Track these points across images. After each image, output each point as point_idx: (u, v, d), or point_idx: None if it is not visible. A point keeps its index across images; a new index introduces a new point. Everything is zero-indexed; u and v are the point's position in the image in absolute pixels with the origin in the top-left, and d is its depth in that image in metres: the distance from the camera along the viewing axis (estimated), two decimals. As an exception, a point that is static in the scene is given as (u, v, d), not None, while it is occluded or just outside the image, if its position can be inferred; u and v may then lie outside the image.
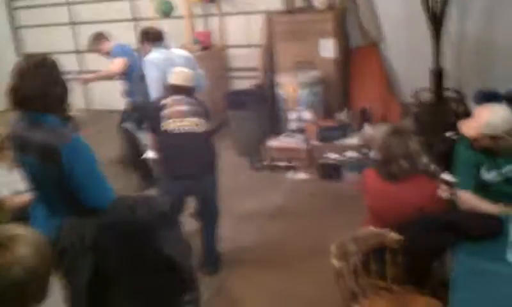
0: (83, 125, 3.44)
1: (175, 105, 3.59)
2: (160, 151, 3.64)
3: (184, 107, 3.59)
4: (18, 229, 1.43)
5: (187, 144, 3.52)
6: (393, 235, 2.47)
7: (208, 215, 3.71)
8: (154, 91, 4.29)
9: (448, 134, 4.23)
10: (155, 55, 4.44)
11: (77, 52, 7.92)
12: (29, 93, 2.17)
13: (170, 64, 4.18)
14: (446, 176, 3.00)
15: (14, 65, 2.24)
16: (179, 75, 3.80)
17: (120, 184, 4.36)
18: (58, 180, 2.18)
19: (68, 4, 7.81)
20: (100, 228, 2.09)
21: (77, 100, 3.13)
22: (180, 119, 3.54)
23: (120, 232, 2.12)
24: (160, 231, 2.21)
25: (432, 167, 3.45)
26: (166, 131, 3.54)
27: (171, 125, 3.53)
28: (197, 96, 3.83)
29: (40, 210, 2.36)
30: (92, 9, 7.62)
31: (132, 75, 4.97)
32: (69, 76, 2.54)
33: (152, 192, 4.36)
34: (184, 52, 4.70)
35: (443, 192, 2.75)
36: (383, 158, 2.71)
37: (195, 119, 3.57)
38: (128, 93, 5.09)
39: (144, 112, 4.22)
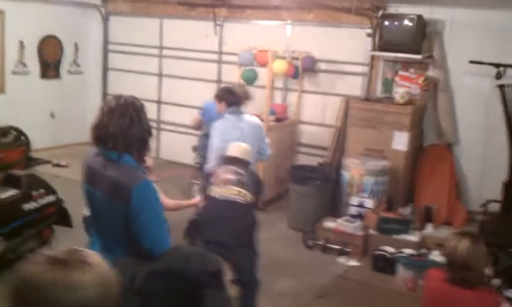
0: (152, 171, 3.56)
1: (223, 173, 3.65)
2: (201, 215, 3.69)
3: (230, 176, 3.63)
4: (94, 258, 1.41)
5: (225, 212, 3.53)
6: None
7: (244, 285, 3.58)
8: (213, 159, 4.24)
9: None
10: (223, 124, 4.38)
11: (159, 102, 8.34)
12: (112, 130, 2.25)
13: (235, 133, 4.21)
14: (510, 293, 2.86)
15: (103, 102, 2.37)
16: (236, 148, 3.87)
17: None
18: (122, 218, 2.23)
19: (160, 57, 8.31)
20: (152, 274, 2.13)
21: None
22: (224, 187, 3.59)
23: (170, 281, 2.15)
24: (209, 289, 2.22)
25: (497, 281, 3.30)
26: (209, 196, 3.61)
27: (215, 190, 3.59)
28: (252, 168, 3.88)
29: (94, 247, 2.41)
30: (181, 65, 8.04)
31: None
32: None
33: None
34: (254, 119, 4.66)
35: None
36: (458, 262, 2.62)
37: (238, 189, 3.59)
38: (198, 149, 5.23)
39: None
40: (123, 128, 2.25)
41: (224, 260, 3.48)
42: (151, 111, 8.24)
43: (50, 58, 8.14)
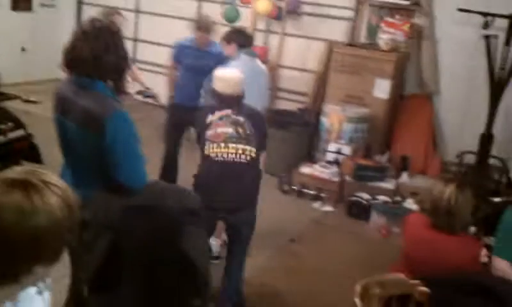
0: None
1: (220, 127, 3.12)
2: (198, 177, 3.21)
3: (230, 129, 3.11)
4: (54, 178, 1.33)
5: (227, 176, 3.08)
6: (423, 288, 2.37)
7: (238, 251, 3.34)
8: None
9: (496, 199, 4.11)
10: (240, 65, 3.76)
11: (134, 40, 8.05)
12: (83, 55, 2.12)
13: (252, 78, 3.64)
14: (488, 241, 2.88)
15: (78, 26, 2.23)
16: (228, 83, 3.24)
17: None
18: (95, 150, 2.13)
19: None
20: (126, 209, 2.04)
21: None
22: (225, 145, 3.09)
23: (146, 217, 2.07)
24: (186, 227, 2.15)
25: (473, 229, 3.33)
26: (208, 156, 3.11)
27: (214, 150, 3.10)
28: (248, 105, 3.29)
29: (66, 178, 2.30)
30: (159, 1, 7.73)
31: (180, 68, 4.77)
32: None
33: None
34: (264, 68, 4.32)
35: (483, 257, 2.64)
36: (443, 208, 2.60)
37: (242, 146, 3.10)
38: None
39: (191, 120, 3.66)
40: (97, 54, 2.11)
41: (226, 226, 3.34)
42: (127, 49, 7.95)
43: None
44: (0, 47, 7.34)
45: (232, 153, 3.08)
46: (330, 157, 5.58)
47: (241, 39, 4.19)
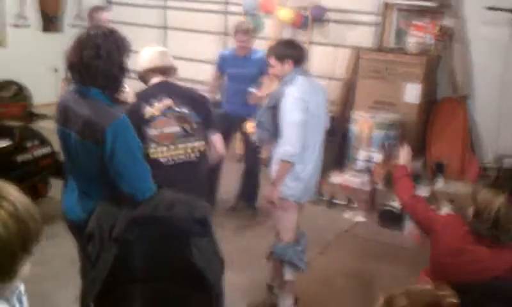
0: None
1: (166, 126, 2.81)
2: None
3: (176, 128, 2.82)
4: (10, 192, 1.26)
5: (179, 178, 2.74)
6: (453, 299, 2.19)
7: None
8: (294, 139, 3.04)
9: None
10: (300, 89, 3.13)
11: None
12: (73, 62, 2.11)
13: (315, 101, 3.19)
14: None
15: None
16: (152, 53, 2.91)
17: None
18: (98, 160, 2.07)
19: (164, 8, 8.02)
20: (132, 221, 1.96)
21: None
22: (173, 147, 2.83)
23: (152, 228, 1.98)
24: (195, 238, 2.06)
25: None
26: (156, 160, 2.77)
27: (164, 154, 2.82)
28: (187, 88, 3.00)
29: (71, 190, 2.26)
30: (183, 16, 7.76)
31: None
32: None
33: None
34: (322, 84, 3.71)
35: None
36: (489, 219, 2.43)
37: (190, 145, 2.86)
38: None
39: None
40: (86, 60, 2.07)
41: None
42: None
43: (51, 11, 7.90)
44: (33, 68, 7.51)
45: (181, 154, 2.86)
46: (360, 165, 5.41)
47: (297, 54, 3.26)
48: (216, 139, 3.08)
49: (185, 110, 2.85)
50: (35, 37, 7.73)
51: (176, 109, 2.83)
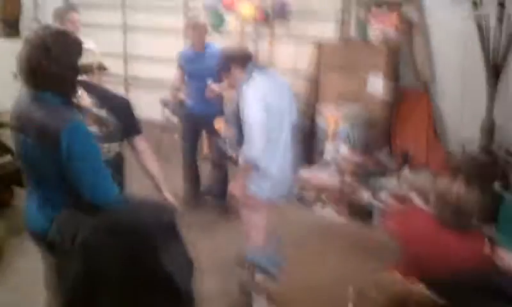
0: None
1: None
2: None
3: (93, 129, 2.56)
4: None
5: None
6: (423, 289, 2.20)
7: None
8: (258, 141, 3.06)
9: (497, 189, 3.92)
10: (259, 87, 3.14)
11: (124, 57, 7.96)
12: (21, 65, 2.03)
13: (278, 97, 3.21)
14: (488, 232, 2.72)
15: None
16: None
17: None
18: (55, 166, 1.99)
19: (124, 7, 7.88)
20: (96, 228, 1.89)
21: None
22: None
23: (118, 236, 1.91)
24: (164, 243, 2.00)
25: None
26: None
27: None
28: (107, 90, 2.85)
29: (32, 199, 2.17)
30: (143, 15, 7.65)
31: None
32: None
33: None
34: (282, 78, 3.65)
35: (486, 249, 2.49)
36: (450, 205, 2.44)
37: (106, 145, 2.63)
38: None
39: None
40: (33, 63, 1.99)
41: None
42: (117, 67, 7.89)
43: (9, 16, 7.64)
44: (-8, 75, 7.26)
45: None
46: (328, 157, 5.43)
47: (238, 57, 3.34)
48: (139, 141, 2.94)
49: (103, 113, 2.71)
50: (-6, 42, 7.47)
51: (94, 109, 2.70)
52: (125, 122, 2.76)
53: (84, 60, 2.15)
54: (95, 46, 2.61)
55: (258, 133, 3.02)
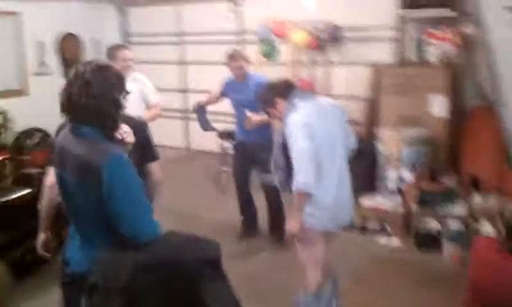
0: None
1: None
2: None
3: None
4: None
5: None
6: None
7: None
8: (304, 171, 2.87)
9: None
10: (302, 114, 3.02)
11: (184, 91, 8.09)
12: (62, 99, 2.02)
13: (323, 124, 3.06)
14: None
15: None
16: None
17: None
18: (96, 202, 1.94)
19: (177, 44, 8.05)
20: (138, 267, 1.81)
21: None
22: None
23: (161, 275, 1.82)
24: (209, 281, 1.89)
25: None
26: None
27: None
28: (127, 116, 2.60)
29: (74, 239, 2.13)
30: (199, 50, 7.77)
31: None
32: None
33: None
34: (330, 100, 3.51)
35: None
36: None
37: None
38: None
39: None
40: (74, 97, 1.97)
41: None
42: (175, 101, 8.05)
43: (71, 56, 7.98)
44: (55, 114, 7.42)
45: None
46: (391, 185, 5.18)
47: (279, 89, 3.25)
48: (154, 167, 2.98)
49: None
50: (56, 83, 7.80)
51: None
52: (141, 146, 2.77)
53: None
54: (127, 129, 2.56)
55: (306, 161, 2.87)
